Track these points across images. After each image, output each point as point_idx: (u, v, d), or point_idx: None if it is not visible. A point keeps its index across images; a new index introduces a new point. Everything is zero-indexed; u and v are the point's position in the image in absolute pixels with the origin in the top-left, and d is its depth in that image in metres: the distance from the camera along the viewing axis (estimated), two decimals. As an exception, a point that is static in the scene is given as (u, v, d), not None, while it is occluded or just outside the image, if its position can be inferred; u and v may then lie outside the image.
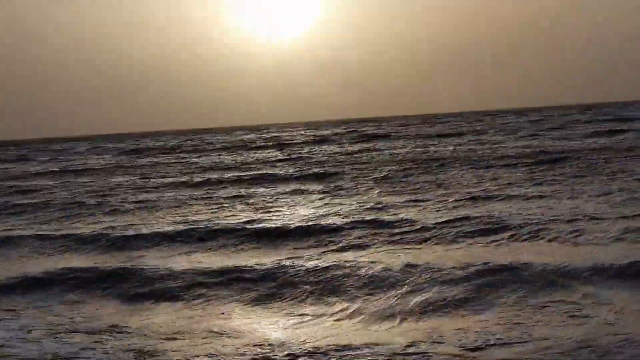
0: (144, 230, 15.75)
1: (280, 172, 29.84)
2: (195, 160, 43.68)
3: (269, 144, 59.19)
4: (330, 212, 17.00)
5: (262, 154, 45.48)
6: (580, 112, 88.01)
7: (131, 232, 15.59)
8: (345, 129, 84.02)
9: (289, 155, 42.48)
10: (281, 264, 11.43)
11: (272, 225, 15.36)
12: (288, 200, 20.59)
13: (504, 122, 70.12)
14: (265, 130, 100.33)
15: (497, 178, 22.04)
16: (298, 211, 17.77)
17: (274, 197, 21.43)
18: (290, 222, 15.65)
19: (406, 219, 14.68)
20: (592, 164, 23.95)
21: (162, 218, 18.00)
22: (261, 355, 7.29)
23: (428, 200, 17.95)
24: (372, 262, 10.92)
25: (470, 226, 13.41)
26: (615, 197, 16.07)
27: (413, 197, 18.84)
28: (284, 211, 18.01)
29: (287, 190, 23.26)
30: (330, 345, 7.52)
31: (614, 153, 27.06)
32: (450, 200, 17.56)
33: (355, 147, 45.35)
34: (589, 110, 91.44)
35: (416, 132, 60.75)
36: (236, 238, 14.32)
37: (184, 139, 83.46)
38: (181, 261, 12.52)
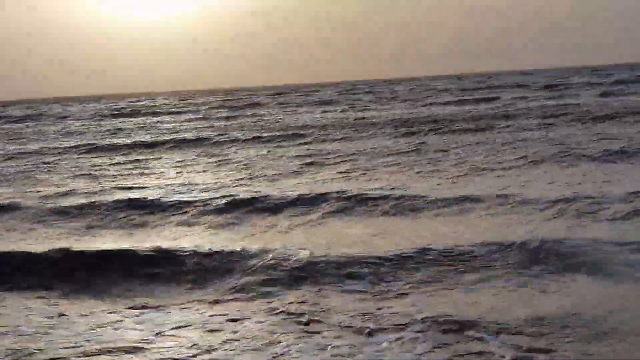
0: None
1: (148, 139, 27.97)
2: (48, 129, 40.82)
3: (142, 110, 56.65)
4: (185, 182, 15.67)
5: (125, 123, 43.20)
6: (450, 82, 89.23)
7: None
8: (219, 97, 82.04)
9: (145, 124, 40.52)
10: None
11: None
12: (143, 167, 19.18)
13: (379, 91, 70.06)
14: (136, 100, 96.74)
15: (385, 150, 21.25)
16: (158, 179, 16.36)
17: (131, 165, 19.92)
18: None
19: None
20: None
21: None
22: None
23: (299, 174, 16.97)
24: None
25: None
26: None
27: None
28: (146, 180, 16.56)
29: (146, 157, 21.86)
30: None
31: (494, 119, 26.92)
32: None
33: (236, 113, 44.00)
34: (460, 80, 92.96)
35: (286, 101, 59.63)
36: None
37: (40, 109, 79.18)
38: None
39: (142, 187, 14.97)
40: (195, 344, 5.97)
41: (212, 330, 6.31)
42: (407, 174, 14.77)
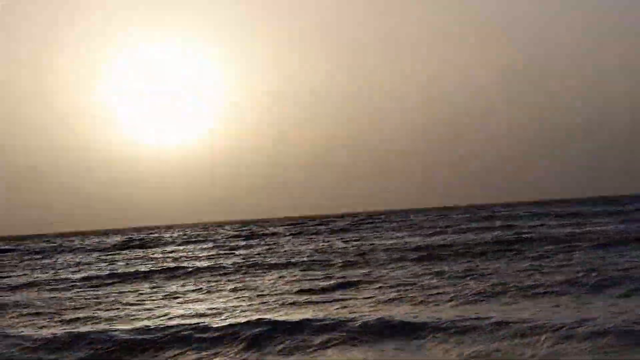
0: None
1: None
2: (69, 259, 40.97)
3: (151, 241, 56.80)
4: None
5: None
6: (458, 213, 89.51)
7: None
8: (235, 228, 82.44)
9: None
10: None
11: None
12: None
13: (394, 220, 70.24)
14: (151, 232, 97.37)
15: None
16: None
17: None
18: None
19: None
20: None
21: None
22: None
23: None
24: None
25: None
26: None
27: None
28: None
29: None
30: None
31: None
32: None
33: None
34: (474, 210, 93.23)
35: (302, 230, 59.75)
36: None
37: (57, 242, 79.70)
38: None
39: (169, 314, 14.79)
40: None
41: None
42: (433, 299, 14.52)
